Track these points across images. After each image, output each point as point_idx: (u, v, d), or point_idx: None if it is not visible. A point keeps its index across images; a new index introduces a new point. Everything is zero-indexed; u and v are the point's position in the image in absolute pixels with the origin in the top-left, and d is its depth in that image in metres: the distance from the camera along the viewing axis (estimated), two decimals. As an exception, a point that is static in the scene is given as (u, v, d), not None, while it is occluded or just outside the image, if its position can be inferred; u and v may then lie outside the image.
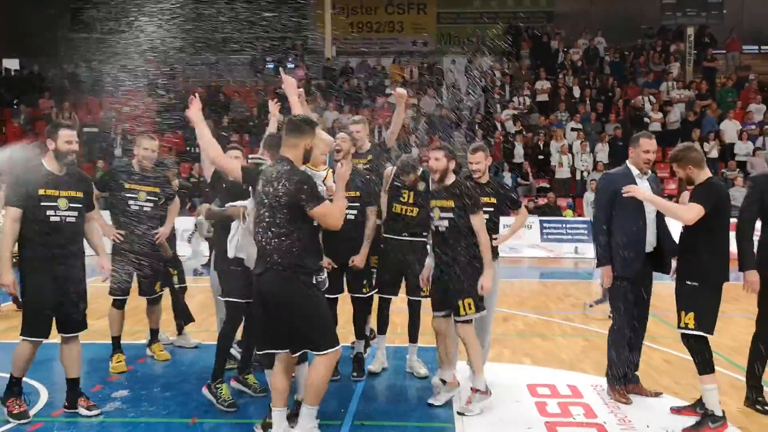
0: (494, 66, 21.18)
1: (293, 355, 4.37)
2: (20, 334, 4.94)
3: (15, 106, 20.50)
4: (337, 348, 4.29)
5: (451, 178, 5.23)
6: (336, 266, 5.74)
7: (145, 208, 6.26)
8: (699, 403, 5.05)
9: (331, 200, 4.39)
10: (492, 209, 5.48)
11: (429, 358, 6.54)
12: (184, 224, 13.99)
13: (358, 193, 5.70)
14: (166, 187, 6.49)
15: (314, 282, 4.29)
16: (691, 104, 19.01)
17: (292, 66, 22.92)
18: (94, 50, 24.76)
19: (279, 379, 4.39)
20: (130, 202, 6.22)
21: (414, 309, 6.03)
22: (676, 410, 5.14)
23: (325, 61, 21.74)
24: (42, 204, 4.88)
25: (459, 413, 5.03)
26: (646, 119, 18.82)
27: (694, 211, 4.83)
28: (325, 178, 4.73)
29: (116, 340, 6.38)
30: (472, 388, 5.15)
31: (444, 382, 5.34)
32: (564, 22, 23.86)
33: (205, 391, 5.27)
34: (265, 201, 4.23)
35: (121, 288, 6.32)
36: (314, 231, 4.37)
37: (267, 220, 4.22)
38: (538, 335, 7.69)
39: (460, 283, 5.07)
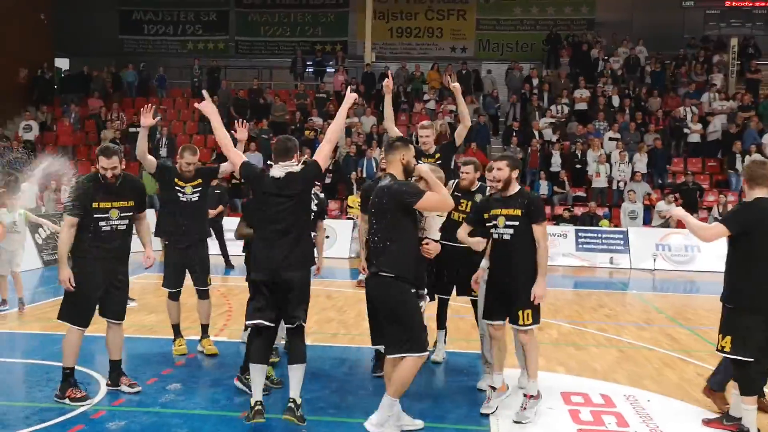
0: (533, 73, 21.23)
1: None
2: (59, 318, 5.45)
3: (65, 105, 21.17)
4: (423, 354, 4.69)
5: (515, 188, 5.32)
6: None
7: (192, 199, 6.68)
8: (726, 416, 5.17)
9: None
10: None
11: (463, 364, 6.79)
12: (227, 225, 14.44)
13: None
14: (209, 177, 6.92)
15: (413, 290, 4.70)
16: (734, 116, 18.86)
17: (333, 70, 23.29)
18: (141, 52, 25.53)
19: (390, 368, 4.80)
20: (179, 194, 6.66)
21: (475, 306, 6.43)
22: (707, 422, 5.27)
23: (364, 66, 22.02)
24: (95, 216, 5.36)
25: (516, 422, 5.14)
26: (686, 130, 18.74)
27: (711, 231, 4.89)
28: None
29: (176, 327, 6.97)
30: (525, 395, 5.25)
31: (494, 388, 5.45)
32: (605, 31, 23.79)
33: (236, 381, 5.76)
34: (374, 211, 4.75)
35: (172, 281, 6.79)
36: (415, 240, 4.80)
37: (375, 227, 4.73)
38: (571, 344, 7.83)
39: (521, 292, 5.14)
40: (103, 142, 19.16)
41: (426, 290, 5.15)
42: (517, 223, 5.18)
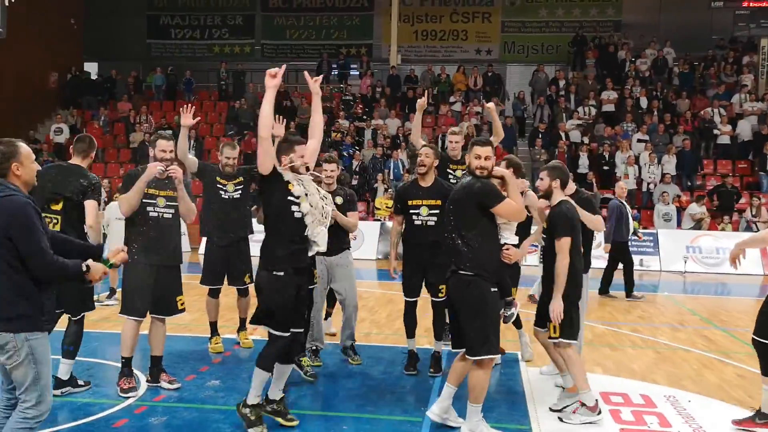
0: (559, 75, 21.10)
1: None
2: (120, 313, 5.65)
3: (94, 109, 21.42)
4: (495, 356, 4.69)
5: (556, 199, 5.22)
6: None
7: (234, 196, 6.77)
8: (759, 414, 5.08)
9: None
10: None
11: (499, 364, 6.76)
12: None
13: (439, 201, 5.96)
14: (249, 173, 6.91)
15: (493, 289, 4.65)
16: (764, 117, 18.60)
17: (358, 73, 23.35)
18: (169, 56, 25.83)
19: (459, 363, 4.84)
20: (221, 193, 6.74)
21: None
22: (738, 422, 5.13)
23: (390, 69, 22.03)
24: (144, 200, 5.48)
25: (559, 417, 5.16)
26: (715, 131, 18.53)
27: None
28: None
29: (213, 324, 7.06)
30: (579, 401, 5.16)
31: (563, 388, 5.45)
32: (631, 32, 23.62)
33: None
34: (452, 208, 4.73)
35: (213, 278, 6.89)
36: (494, 239, 4.77)
37: (453, 225, 4.69)
38: (607, 345, 7.77)
39: (549, 304, 5.11)
40: (131, 144, 19.39)
41: (514, 297, 5.12)
42: (545, 236, 5.25)
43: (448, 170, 6.85)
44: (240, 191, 6.81)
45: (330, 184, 6.32)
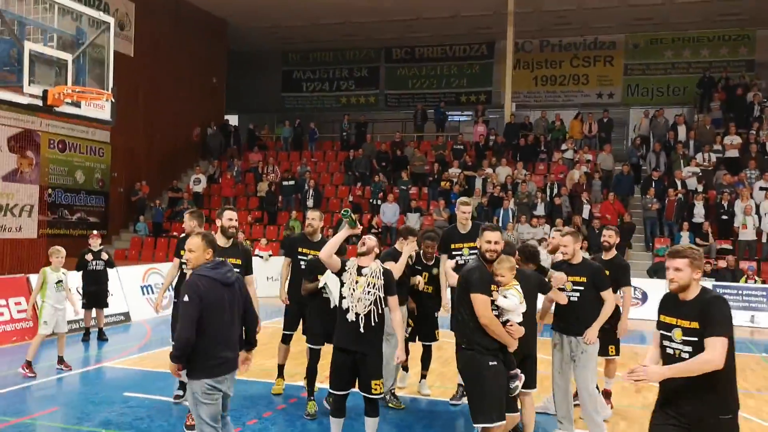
0: (678, 120, 20.49)
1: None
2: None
3: (231, 159, 23.50)
4: (496, 424, 4.99)
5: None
6: None
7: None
8: None
9: None
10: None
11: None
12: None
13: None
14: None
15: (491, 363, 4.98)
16: None
17: (474, 122, 23.90)
18: (300, 108, 27.84)
19: None
20: (301, 262, 7.45)
21: None
22: None
23: (510, 117, 22.25)
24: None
25: None
26: None
27: None
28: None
29: (280, 367, 7.81)
30: None
31: None
32: (766, 72, 22.53)
33: (324, 402, 7.03)
34: (458, 288, 5.32)
35: (288, 324, 7.67)
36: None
37: (458, 303, 5.23)
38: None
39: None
40: (258, 193, 21.08)
41: (519, 370, 5.36)
42: None
43: (453, 248, 7.02)
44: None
45: None
